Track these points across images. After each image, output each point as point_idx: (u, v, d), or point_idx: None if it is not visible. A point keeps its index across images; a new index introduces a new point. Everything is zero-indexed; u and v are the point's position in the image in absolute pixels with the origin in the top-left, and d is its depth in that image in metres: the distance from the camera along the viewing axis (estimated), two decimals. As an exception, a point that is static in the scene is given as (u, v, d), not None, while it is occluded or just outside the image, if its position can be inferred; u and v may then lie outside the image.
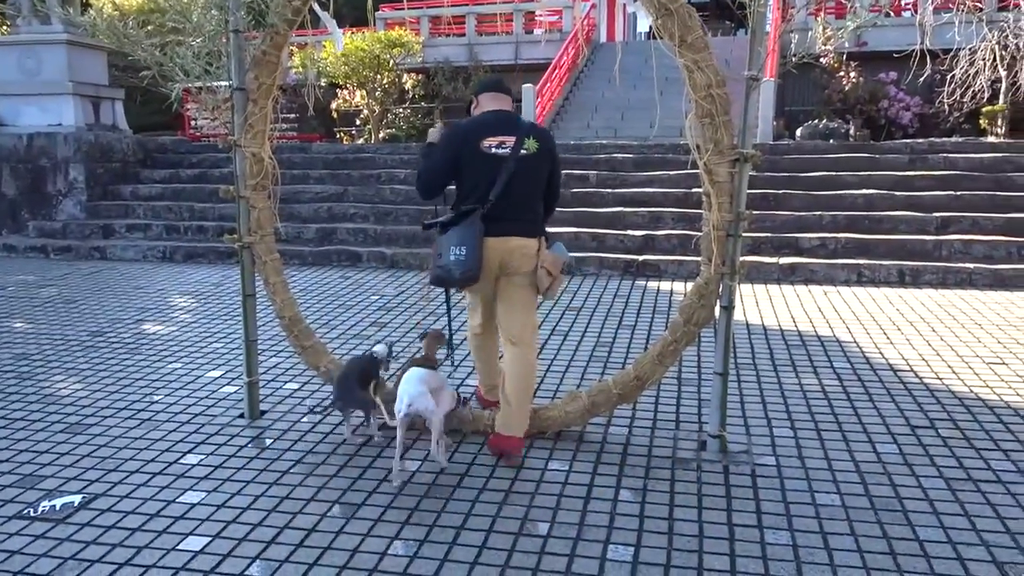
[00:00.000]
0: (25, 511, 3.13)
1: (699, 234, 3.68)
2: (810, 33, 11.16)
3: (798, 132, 11.64)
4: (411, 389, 3.34)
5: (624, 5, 21.48)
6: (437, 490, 3.29)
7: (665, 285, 7.42)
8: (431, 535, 2.93)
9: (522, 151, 3.58)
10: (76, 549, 2.85)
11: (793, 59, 3.91)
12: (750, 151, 3.45)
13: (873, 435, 3.82)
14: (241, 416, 4.12)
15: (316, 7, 3.98)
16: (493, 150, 3.57)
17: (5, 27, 16.66)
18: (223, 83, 4.22)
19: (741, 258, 3.57)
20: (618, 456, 3.61)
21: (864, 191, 8.94)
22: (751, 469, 3.46)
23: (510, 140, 3.58)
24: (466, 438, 3.81)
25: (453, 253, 3.53)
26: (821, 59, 12.32)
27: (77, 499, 3.23)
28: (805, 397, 4.37)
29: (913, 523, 2.97)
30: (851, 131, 11.45)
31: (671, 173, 9.55)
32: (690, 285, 7.09)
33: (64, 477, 3.43)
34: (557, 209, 8.99)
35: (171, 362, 5.10)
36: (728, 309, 3.59)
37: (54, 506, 3.17)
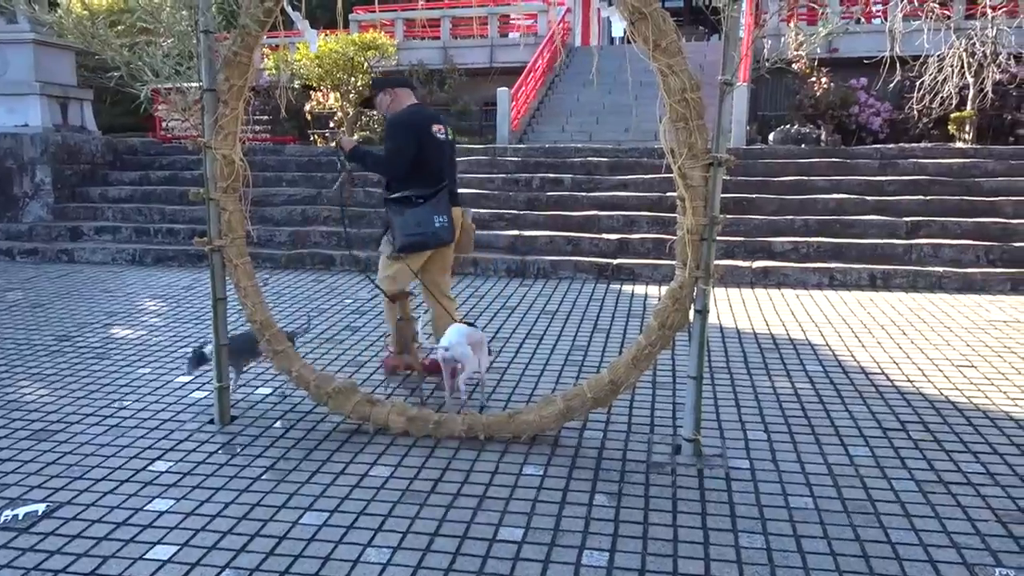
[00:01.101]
0: (-14, 521, 3.06)
1: (673, 238, 3.68)
2: (783, 39, 11.28)
3: (771, 137, 11.74)
4: (453, 338, 4.01)
5: (599, 10, 21.58)
6: (411, 495, 3.26)
7: (640, 288, 7.44)
8: (404, 542, 2.90)
9: (449, 137, 4.61)
10: (39, 559, 2.78)
11: (767, 64, 3.93)
12: (724, 155, 3.46)
13: (845, 438, 3.85)
14: (211, 422, 4.05)
15: (288, 8, 3.94)
16: (439, 136, 4.47)
17: (-30, 25, 16.32)
18: (193, 84, 4.16)
19: (715, 262, 3.58)
20: (593, 461, 3.60)
21: (835, 195, 9.04)
22: (725, 472, 3.47)
23: (443, 128, 4.52)
24: (440, 443, 3.78)
25: (437, 221, 4.31)
26: (793, 65, 12.45)
27: (41, 508, 3.15)
28: (778, 400, 4.39)
29: (885, 525, 2.99)
30: (822, 136, 11.57)
31: (645, 177, 9.59)
32: (664, 289, 7.14)
33: (28, 485, 3.35)
34: (534, 213, 9.01)
35: (140, 367, 5.01)
36: (702, 313, 3.60)
37: (17, 515, 3.10)
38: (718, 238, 3.58)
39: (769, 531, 2.95)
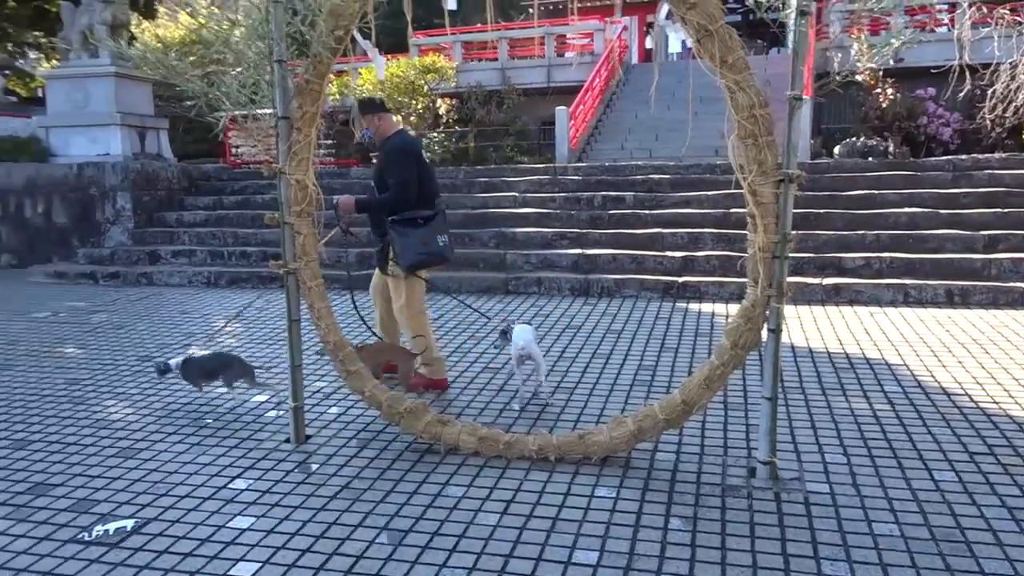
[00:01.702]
0: (80, 535, 3.18)
1: (740, 255, 3.64)
2: (851, 50, 11.04)
3: (836, 150, 11.50)
4: (526, 336, 4.57)
5: (655, 27, 21.53)
6: (484, 517, 3.27)
7: (706, 307, 7.34)
8: (479, 563, 2.91)
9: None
10: (130, 574, 2.88)
11: (837, 77, 3.87)
12: (795, 171, 3.41)
13: (929, 461, 3.72)
14: (287, 441, 4.14)
15: (357, 35, 4.04)
16: (427, 158, 4.86)
17: (56, 60, 17.22)
18: (266, 111, 4.30)
19: (787, 279, 3.52)
20: (666, 483, 3.56)
21: (907, 209, 8.80)
22: (804, 496, 3.39)
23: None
24: (511, 463, 3.79)
25: (440, 241, 4.71)
26: (857, 76, 12.19)
27: (130, 524, 3.27)
28: (856, 422, 4.27)
29: (977, 555, 2.88)
30: (890, 148, 11.28)
31: (709, 193, 9.49)
32: (731, 307, 7.10)
33: (116, 501, 3.48)
34: (596, 231, 9.01)
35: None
36: (776, 332, 3.54)
37: (107, 530, 3.22)
38: (789, 256, 3.51)
39: (853, 559, 2.86)
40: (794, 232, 3.49)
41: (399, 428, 4.06)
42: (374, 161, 4.80)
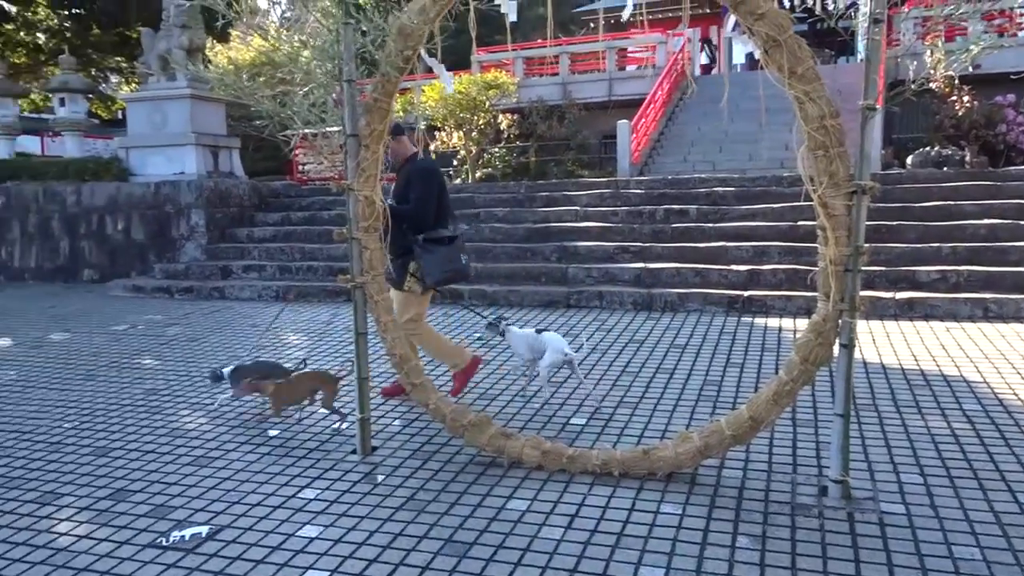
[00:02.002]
0: (157, 540, 3.29)
1: (808, 268, 3.57)
2: (924, 57, 10.72)
3: (908, 160, 11.17)
4: (564, 345, 4.93)
5: (720, 38, 21.32)
6: (548, 531, 3.26)
7: (773, 321, 7.20)
8: (544, 577, 2.90)
9: None
10: (205, 580, 2.97)
11: (912, 86, 3.77)
12: (868, 183, 3.33)
13: (1013, 483, 3.57)
14: (353, 452, 4.21)
15: (424, 54, 4.11)
16: (448, 180, 5.18)
17: (135, 84, 17.99)
18: (334, 129, 4.42)
19: (860, 293, 3.43)
20: (733, 500, 3.49)
21: (986, 220, 8.47)
22: (878, 517, 3.28)
23: None
24: (574, 478, 3.78)
25: (463, 259, 4.99)
26: (931, 84, 11.84)
27: (204, 530, 3.37)
28: (933, 441, 4.12)
29: (1066, 580, 2.74)
30: (967, 158, 10.90)
31: (775, 206, 9.32)
32: (799, 322, 6.95)
33: (192, 508, 3.59)
34: (659, 245, 8.93)
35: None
36: (848, 347, 3.45)
37: (184, 536, 3.32)
38: (861, 269, 3.42)
39: (932, 582, 2.76)
40: (867, 245, 3.40)
41: (463, 441, 4.09)
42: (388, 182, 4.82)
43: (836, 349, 3.46)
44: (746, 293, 7.80)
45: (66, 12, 17.43)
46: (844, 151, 3.34)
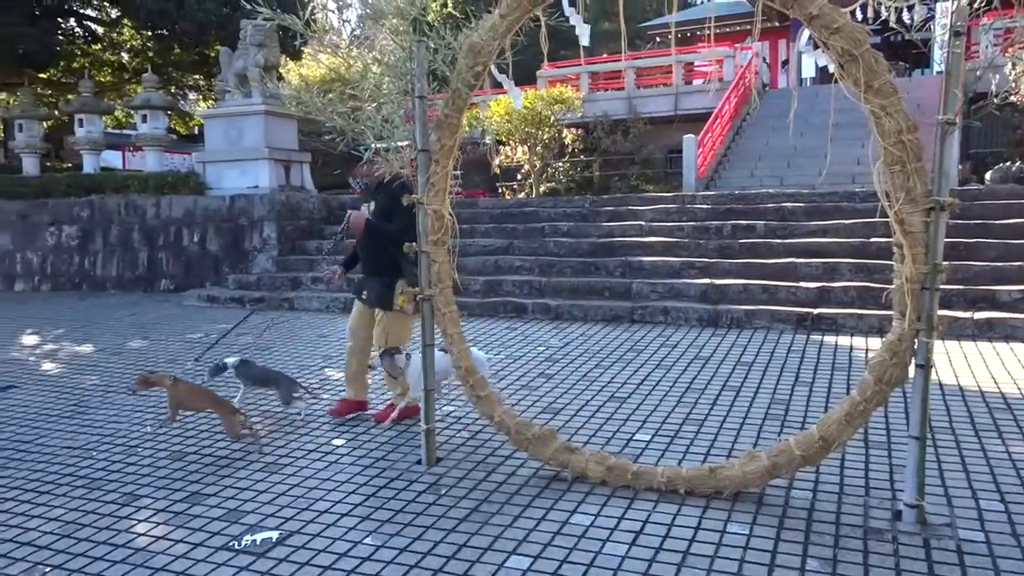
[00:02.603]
0: (230, 543, 3.39)
1: (881, 286, 3.48)
2: (1005, 70, 10.36)
3: (988, 176, 10.78)
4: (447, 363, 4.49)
5: (791, 53, 20.96)
6: (612, 547, 3.25)
7: (843, 340, 7.01)
8: (609, 593, 2.89)
9: None
10: (275, 583, 3.04)
11: (995, 100, 3.65)
12: (947, 199, 3.24)
13: (1103, 513, 3.40)
14: (419, 462, 4.27)
15: (494, 70, 4.17)
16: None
17: (212, 100, 18.68)
18: (403, 143, 4.50)
19: (938, 312, 3.33)
20: (803, 522, 3.42)
21: (1072, 238, 8.10)
22: (956, 544, 3.17)
23: None
24: (639, 494, 3.75)
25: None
26: (1012, 97, 11.42)
27: (275, 535, 3.46)
28: (1015, 467, 3.96)
29: None
30: (1052, 173, 10.46)
31: (846, 222, 9.09)
32: (871, 341, 6.76)
33: (263, 513, 3.69)
34: (726, 261, 8.81)
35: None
36: (924, 368, 3.35)
37: (255, 540, 3.41)
38: (940, 287, 3.32)
39: (1015, 614, 2.65)
40: (944, 263, 3.30)
41: (527, 454, 4.10)
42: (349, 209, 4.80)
43: (912, 369, 3.36)
44: (816, 310, 7.62)
45: (150, 33, 18.22)
46: (922, 166, 3.26)
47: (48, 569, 3.22)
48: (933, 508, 3.46)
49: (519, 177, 15.63)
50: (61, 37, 17.28)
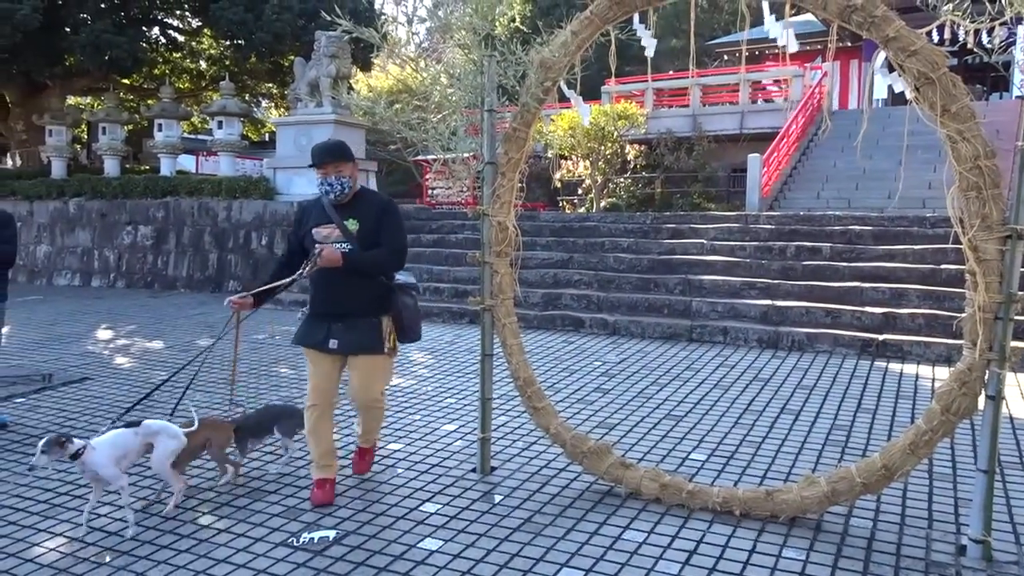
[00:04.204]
0: (289, 540, 3.49)
1: (950, 314, 3.41)
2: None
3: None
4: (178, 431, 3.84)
5: (860, 73, 20.56)
6: (664, 564, 3.24)
7: (909, 368, 6.82)
8: (660, 611, 2.88)
9: None
10: (332, 580, 3.12)
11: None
12: (1024, 227, 3.16)
13: None
14: (473, 471, 4.31)
15: (563, 85, 4.22)
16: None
17: (284, 109, 19.22)
18: (465, 154, 4.58)
19: (1011, 343, 3.24)
20: (862, 551, 3.35)
21: None
22: (1024, 584, 3.06)
23: None
24: (693, 513, 3.72)
25: None
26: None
27: (332, 534, 3.54)
28: (1091, 507, 3.81)
29: None
30: None
31: (915, 247, 8.85)
32: (939, 370, 6.57)
33: (321, 512, 3.78)
34: (788, 282, 8.62)
35: (410, 413, 5.48)
36: (995, 399, 3.26)
37: (312, 538, 3.50)
38: (1015, 317, 3.23)
39: (1086, 659, 2.55)
40: (1021, 292, 3.21)
41: (581, 467, 4.11)
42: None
43: (981, 401, 3.27)
44: (881, 336, 7.44)
45: (228, 42, 18.86)
46: (999, 193, 3.19)
47: (109, 559, 3.36)
48: (1000, 545, 3.36)
49: (580, 192, 15.64)
50: (145, 45, 17.99)
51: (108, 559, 3.32)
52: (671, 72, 20.29)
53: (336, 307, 3.84)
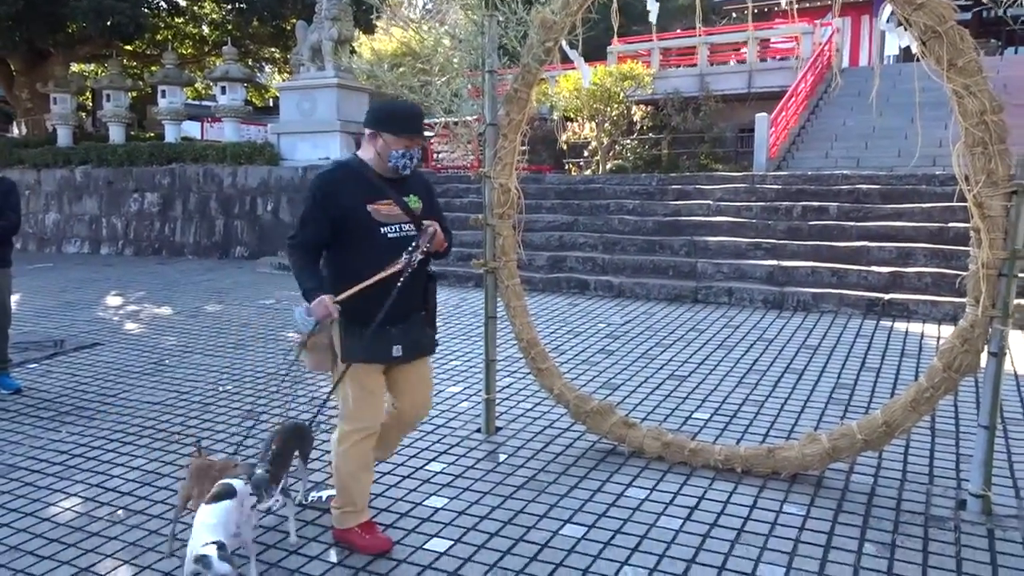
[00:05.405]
0: (297, 499, 3.55)
1: (957, 272, 3.39)
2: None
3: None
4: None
5: (871, 29, 20.21)
6: (666, 520, 3.29)
7: (915, 327, 6.82)
8: (660, 565, 2.94)
9: None
10: (340, 537, 3.18)
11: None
12: (1030, 183, 3.13)
13: None
14: (478, 431, 4.37)
15: (565, 46, 4.18)
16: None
17: (287, 74, 19.08)
18: (468, 117, 4.56)
19: (1014, 301, 3.24)
20: (862, 507, 3.39)
21: None
22: (1022, 537, 3.10)
23: None
24: (695, 471, 3.77)
25: None
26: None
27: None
28: (1091, 462, 3.83)
29: None
30: None
31: (924, 206, 8.79)
32: (944, 328, 6.57)
33: (328, 472, 3.82)
34: (794, 242, 8.58)
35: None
36: (997, 356, 3.27)
37: (321, 497, 3.56)
38: (1018, 275, 3.22)
39: (1080, 608, 2.60)
40: (1025, 248, 3.20)
41: (585, 427, 4.15)
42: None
43: (984, 358, 3.28)
44: (887, 296, 7.43)
45: (230, 6, 18.66)
46: (1005, 149, 3.16)
47: (123, 516, 3.43)
48: (1000, 499, 3.39)
49: (586, 154, 15.54)
50: (147, 10, 17.82)
51: (122, 517, 3.40)
52: (678, 31, 19.98)
53: (402, 307, 2.98)
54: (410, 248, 2.97)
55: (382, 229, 2.99)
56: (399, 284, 2.93)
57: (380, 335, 2.98)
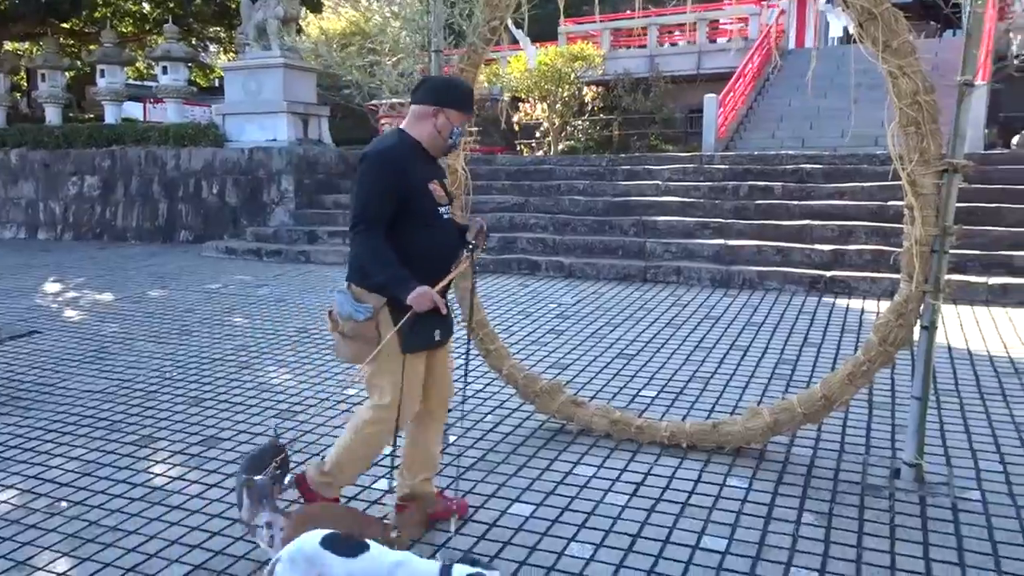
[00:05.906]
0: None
1: (895, 250, 3.48)
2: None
3: (1014, 141, 10.59)
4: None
5: (816, 11, 20.51)
6: (613, 496, 3.33)
7: (855, 303, 7.01)
8: (607, 540, 2.98)
9: None
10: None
11: (1016, 61, 3.60)
12: (960, 161, 3.23)
13: (1101, 477, 3.43)
14: (428, 412, 4.35)
15: (511, 25, 4.16)
16: None
17: (233, 53, 18.62)
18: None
19: (946, 276, 3.34)
20: (801, 478, 3.48)
21: (1095, 206, 7.99)
22: (952, 503, 3.22)
23: None
24: (642, 447, 3.83)
25: None
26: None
27: (289, 477, 3.55)
28: (1017, 430, 3.99)
29: None
30: (1080, 139, 10.26)
31: (864, 185, 9.01)
32: (884, 304, 6.74)
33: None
34: (741, 222, 8.72)
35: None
36: (929, 329, 3.38)
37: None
38: (950, 251, 3.32)
39: (1004, 570, 2.71)
40: (956, 226, 3.30)
41: (534, 407, 4.18)
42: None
43: (917, 331, 3.38)
44: (829, 273, 7.61)
45: (170, -18, 18.14)
46: (937, 128, 3.24)
47: (66, 505, 3.35)
48: (932, 468, 3.51)
49: (537, 135, 15.53)
50: (83, -14, 17.22)
51: (65, 506, 3.32)
52: (628, 12, 20.02)
53: (445, 290, 2.96)
54: (470, 246, 2.99)
55: (439, 209, 2.92)
56: (447, 266, 2.95)
57: (426, 321, 2.85)
